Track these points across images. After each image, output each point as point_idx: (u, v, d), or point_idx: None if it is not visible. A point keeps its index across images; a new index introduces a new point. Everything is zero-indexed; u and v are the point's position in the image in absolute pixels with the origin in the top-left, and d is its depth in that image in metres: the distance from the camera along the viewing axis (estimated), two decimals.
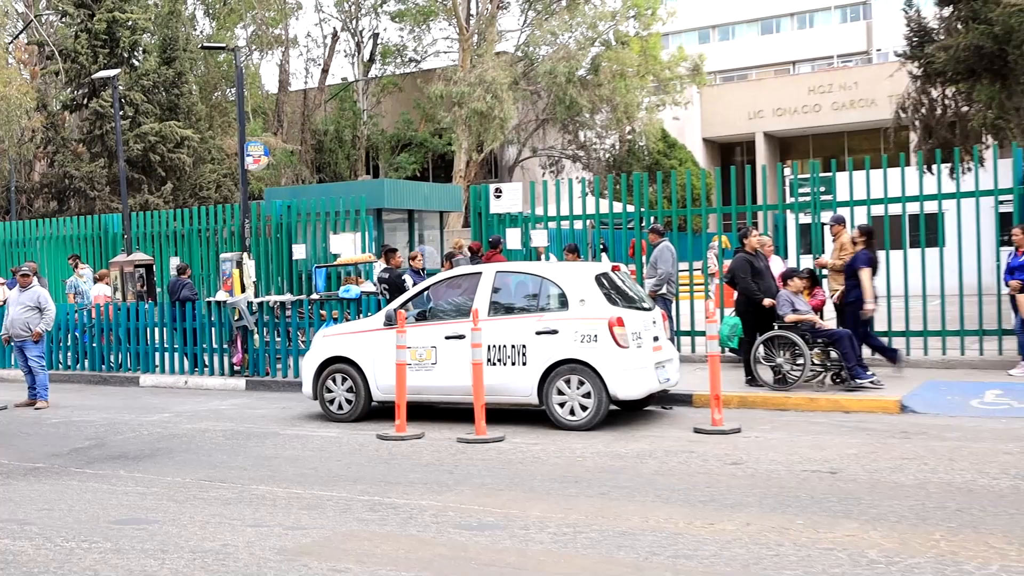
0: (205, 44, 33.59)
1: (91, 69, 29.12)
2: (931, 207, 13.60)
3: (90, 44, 30.53)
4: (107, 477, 8.35)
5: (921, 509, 6.40)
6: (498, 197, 15.62)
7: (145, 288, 17.28)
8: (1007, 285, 12.09)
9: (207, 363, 15.08)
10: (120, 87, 24.16)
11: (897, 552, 5.49)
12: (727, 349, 12.81)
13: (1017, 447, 8.27)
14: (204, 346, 15.10)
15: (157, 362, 15.57)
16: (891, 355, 12.13)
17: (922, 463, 7.80)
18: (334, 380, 10.96)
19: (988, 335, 12.94)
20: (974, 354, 12.86)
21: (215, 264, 17.97)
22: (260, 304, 14.71)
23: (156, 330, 15.64)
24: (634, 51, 38.20)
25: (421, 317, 10.68)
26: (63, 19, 32.50)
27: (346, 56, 44.62)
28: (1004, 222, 13.73)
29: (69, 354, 16.51)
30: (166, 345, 15.51)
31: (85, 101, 31.26)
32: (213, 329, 14.99)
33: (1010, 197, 13.19)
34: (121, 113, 23.67)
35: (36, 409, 12.78)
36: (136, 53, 32.31)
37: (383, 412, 10.61)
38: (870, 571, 5.19)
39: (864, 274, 11.87)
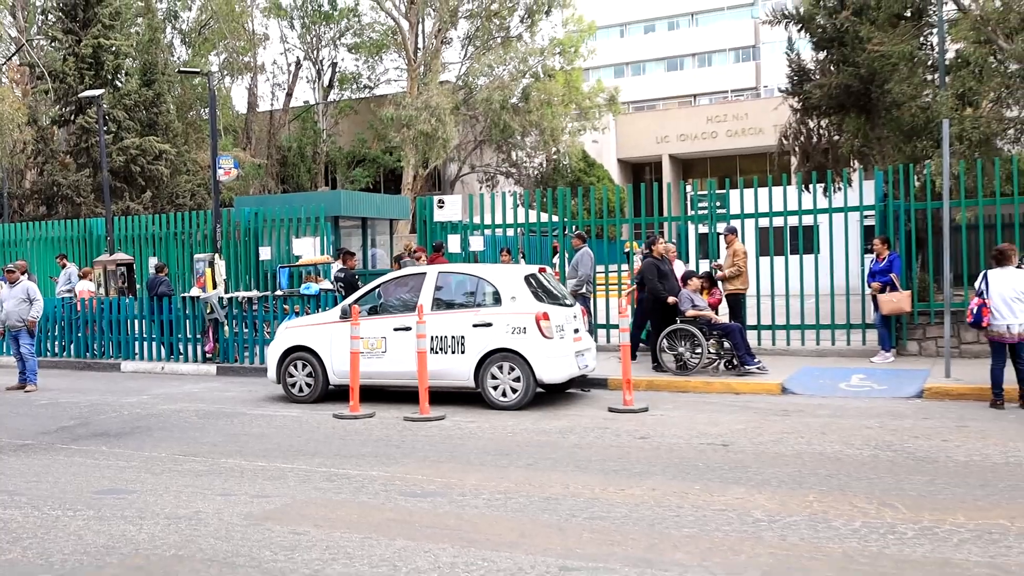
0: (182, 69, 32.86)
1: (78, 89, 28.27)
2: (808, 220, 13.92)
3: (77, 67, 29.63)
4: (90, 452, 8.13)
5: (798, 475, 6.55)
6: (441, 207, 15.58)
7: (126, 284, 16.87)
8: (869, 287, 12.42)
9: (182, 351, 14.76)
10: (104, 105, 23.43)
11: (778, 512, 5.61)
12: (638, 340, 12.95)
13: (877, 423, 8.51)
14: (179, 336, 14.78)
15: (136, 350, 15.19)
16: None
17: (799, 436, 7.98)
18: (295, 366, 10.84)
19: (854, 328, 13.28)
20: (842, 344, 13.18)
21: (190, 263, 17.62)
22: (230, 299, 14.47)
23: (136, 321, 15.27)
24: (559, 83, 38.42)
25: (373, 311, 10.60)
26: (53, 44, 31.44)
27: (308, 82, 44.05)
28: (868, 233, 14.11)
29: (56, 343, 16.02)
30: (145, 335, 15.15)
31: (72, 117, 30.31)
32: (187, 321, 14.69)
33: (872, 212, 13.55)
34: (105, 129, 22.99)
35: (25, 392, 12.38)
36: (119, 75, 31.43)
37: (339, 394, 10.50)
38: (755, 528, 5.29)
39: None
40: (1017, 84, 15.66)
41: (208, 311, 14.22)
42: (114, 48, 30.18)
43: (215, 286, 14.60)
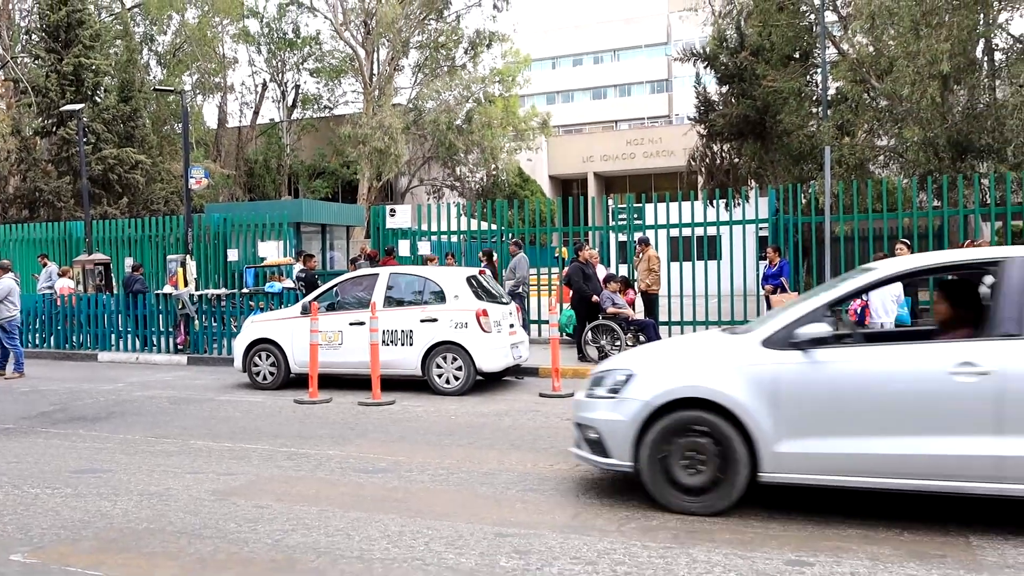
0: (157, 87, 31.89)
1: (59, 103, 27.16)
2: (712, 231, 14.20)
3: (59, 83, 28.49)
4: (69, 435, 7.83)
5: None
6: (392, 216, 15.46)
7: (103, 282, 16.32)
8: (763, 288, 12.74)
9: (155, 343, 14.33)
10: (84, 119, 22.56)
11: None
12: (564, 334, 13.03)
13: None
14: (153, 329, 14.35)
15: (113, 342, 14.69)
16: None
17: None
18: (260, 356, 10.62)
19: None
20: None
21: (163, 263, 17.15)
22: (200, 296, 14.12)
23: (112, 316, 14.76)
24: (498, 108, 38.51)
25: (331, 308, 10.46)
26: (36, 61, 30.13)
27: (273, 102, 43.14)
28: (762, 243, 14.47)
29: (37, 335, 15.38)
30: (121, 328, 14.66)
31: (54, 129, 29.10)
32: (161, 316, 14.28)
33: (766, 225, 13.90)
34: (84, 140, 22.17)
35: (5, 379, 11.87)
36: (98, 92, 30.26)
37: (299, 382, 10.32)
38: None
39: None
40: (886, 117, 16.23)
41: (180, 307, 13.84)
42: (94, 67, 29.11)
43: (186, 284, 14.23)
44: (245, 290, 14.71)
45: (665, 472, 4.98)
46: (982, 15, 14.90)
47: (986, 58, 16.64)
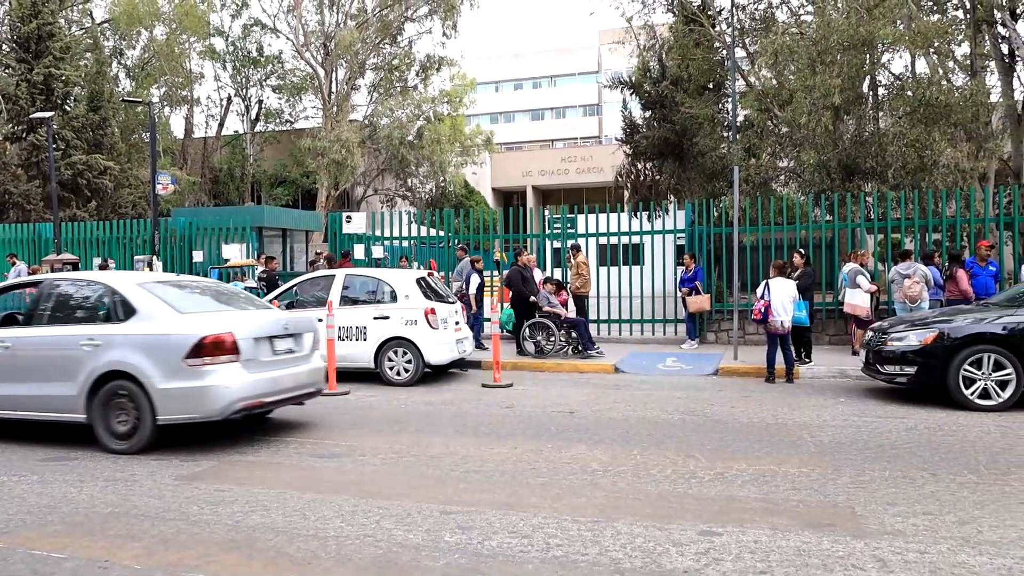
0: (125, 98, 30.61)
1: (29, 111, 25.87)
2: (636, 239, 14.40)
3: (29, 91, 27.12)
4: (36, 424, 7.43)
5: (626, 435, 6.75)
6: (349, 222, 15.22)
7: None
8: (680, 291, 12.98)
9: None
10: (54, 126, 21.53)
11: (611, 464, 5.75)
12: (505, 330, 13.04)
13: (684, 394, 8.88)
14: None
15: None
16: None
17: (627, 405, 8.22)
18: None
19: (668, 322, 13.82)
20: (660, 334, 13.69)
21: (130, 264, 16.51)
22: None
23: None
24: (446, 125, 38.32)
25: (290, 306, 10.24)
26: (7, 71, 28.61)
27: (238, 115, 41.88)
28: (679, 250, 14.74)
29: None
30: None
31: (24, 135, 27.67)
32: None
33: (683, 235, 14.17)
34: (54, 146, 21.15)
35: None
36: (68, 101, 28.88)
37: None
38: (593, 477, 5.41)
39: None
40: (787, 142, 16.73)
41: None
42: (64, 77, 27.81)
43: None
44: None
45: None
46: (868, 56, 15.51)
47: (871, 93, 17.33)
